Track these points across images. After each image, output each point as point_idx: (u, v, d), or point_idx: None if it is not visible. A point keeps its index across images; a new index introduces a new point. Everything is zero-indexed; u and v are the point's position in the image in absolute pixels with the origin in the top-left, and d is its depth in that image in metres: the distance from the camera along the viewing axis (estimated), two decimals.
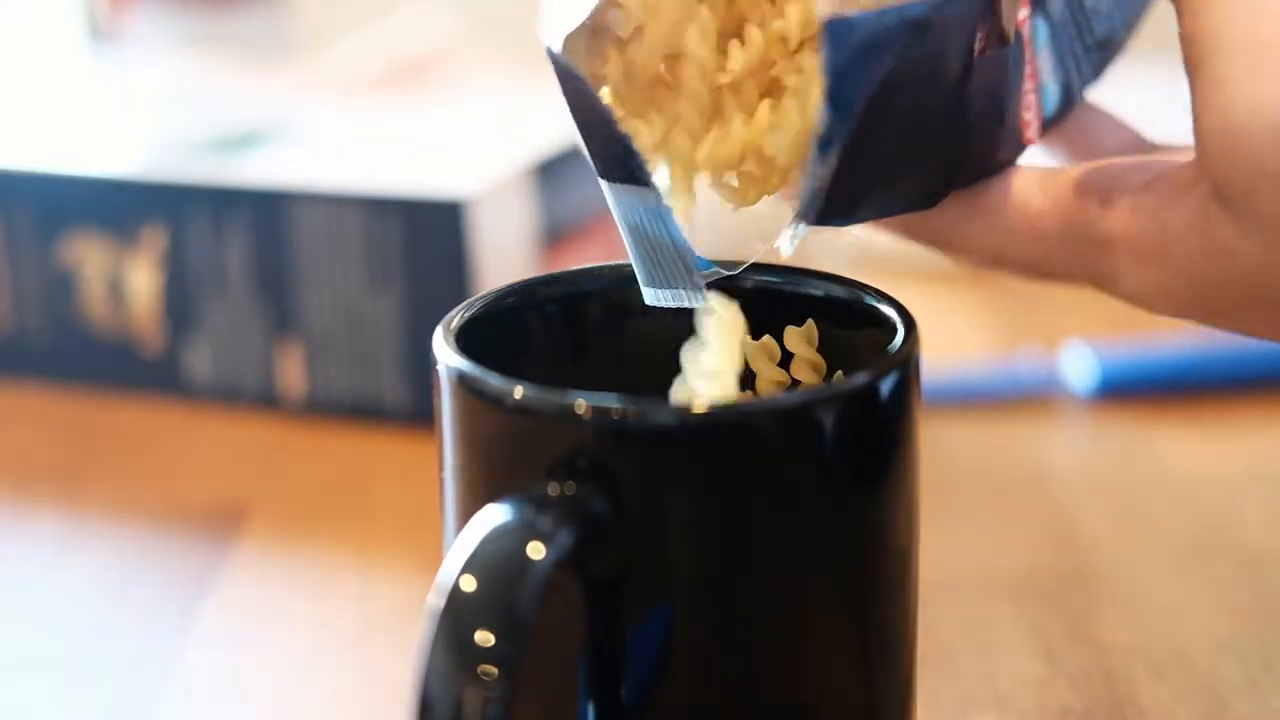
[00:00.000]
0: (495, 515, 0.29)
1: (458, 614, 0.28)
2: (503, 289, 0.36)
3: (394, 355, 0.58)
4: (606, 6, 0.33)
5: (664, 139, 0.34)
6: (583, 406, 0.30)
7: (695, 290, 0.34)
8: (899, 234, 0.38)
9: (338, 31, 0.94)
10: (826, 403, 0.30)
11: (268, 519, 0.53)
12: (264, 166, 0.60)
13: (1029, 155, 0.38)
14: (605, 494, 0.30)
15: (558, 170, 0.61)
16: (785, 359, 0.35)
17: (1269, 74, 0.30)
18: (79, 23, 1.02)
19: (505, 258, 0.58)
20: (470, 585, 0.28)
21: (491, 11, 1.01)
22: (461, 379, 0.31)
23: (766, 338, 0.35)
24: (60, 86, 0.79)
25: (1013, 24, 0.34)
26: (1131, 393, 0.59)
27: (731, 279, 0.35)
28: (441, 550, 0.32)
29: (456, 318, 0.34)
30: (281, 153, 0.62)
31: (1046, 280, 0.37)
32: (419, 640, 0.28)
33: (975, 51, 0.33)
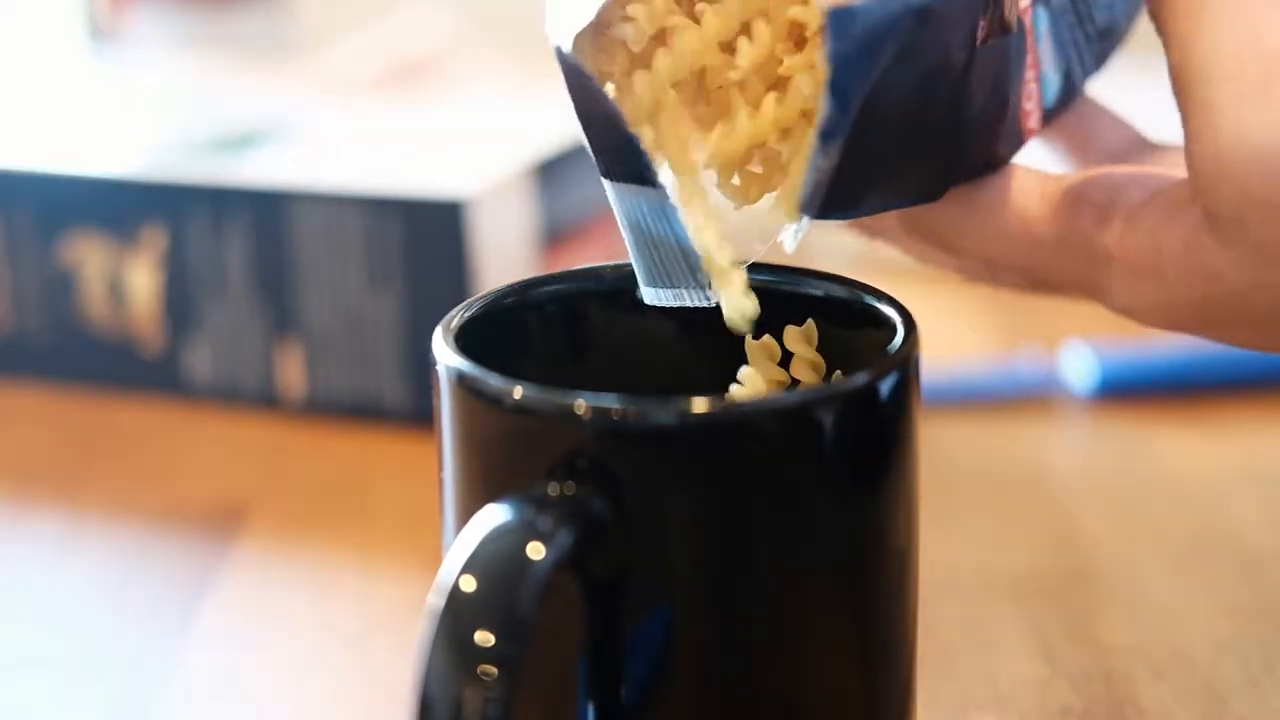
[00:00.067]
0: (495, 515, 0.29)
1: (458, 614, 0.28)
2: (503, 289, 0.36)
3: (394, 355, 0.58)
4: (615, 12, 0.33)
5: (665, 139, 0.34)
6: (582, 406, 0.30)
7: (698, 290, 0.34)
8: (898, 241, 0.38)
9: (338, 31, 0.94)
10: (826, 403, 0.30)
11: (268, 519, 0.53)
12: (264, 166, 0.60)
13: (1030, 147, 0.38)
14: (605, 494, 0.30)
15: (558, 170, 0.61)
16: (785, 359, 0.35)
17: (1255, 103, 0.30)
18: (79, 23, 1.02)
19: (505, 258, 0.58)
20: (470, 585, 0.28)
21: (491, 11, 1.01)
22: (461, 379, 0.31)
23: (766, 337, 0.35)
24: (60, 86, 0.79)
25: (1015, 13, 0.34)
26: (1131, 393, 0.59)
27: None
28: (441, 550, 0.32)
29: (456, 318, 0.34)
30: (281, 153, 0.62)
31: (1040, 289, 0.37)
32: (419, 640, 0.28)
33: (978, 41, 0.33)
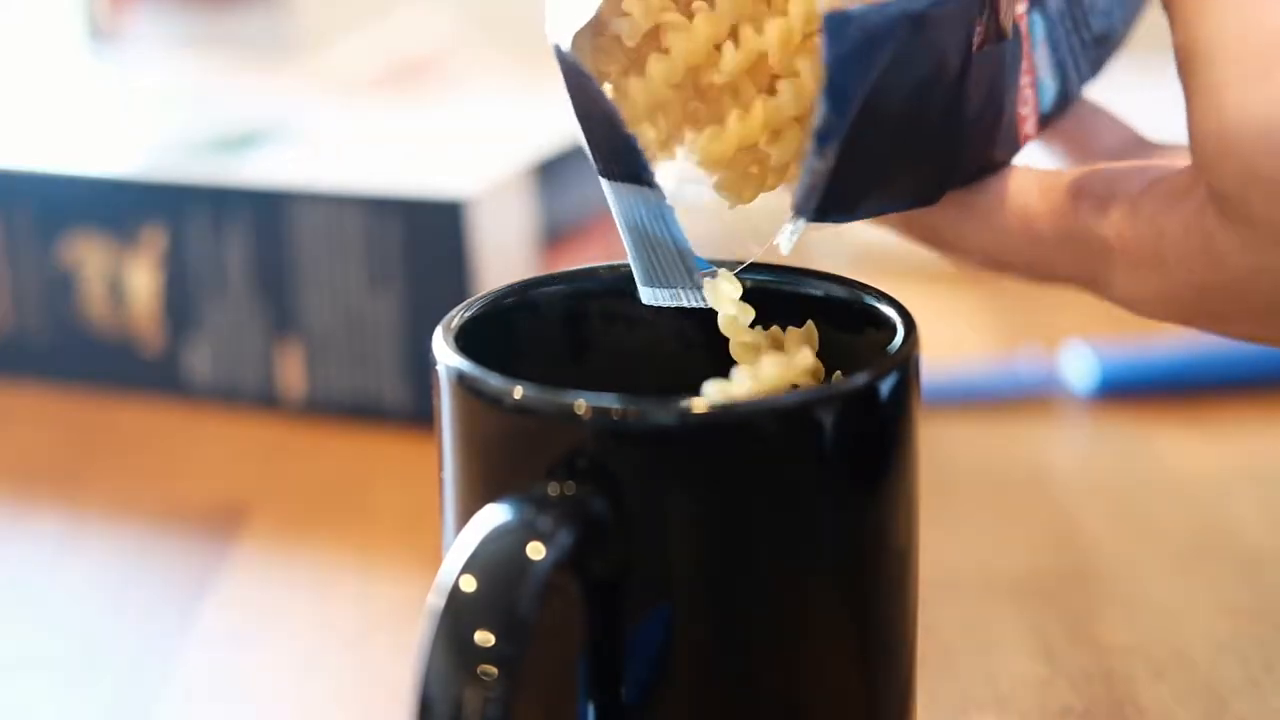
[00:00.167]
0: (495, 515, 0.29)
1: (458, 614, 0.28)
2: (503, 289, 0.36)
3: (394, 355, 0.58)
4: (612, 9, 0.33)
5: (668, 139, 0.34)
6: (582, 406, 0.30)
7: (694, 290, 0.34)
8: (898, 231, 0.38)
9: (338, 31, 0.94)
10: (826, 403, 0.30)
11: (268, 519, 0.53)
12: (264, 166, 0.60)
13: (1026, 151, 0.38)
14: (605, 494, 0.30)
15: (558, 170, 0.61)
16: None
17: (1261, 81, 0.30)
18: (79, 23, 1.02)
19: (505, 258, 0.58)
20: (470, 585, 0.28)
21: (491, 11, 1.01)
22: (461, 379, 0.31)
23: (774, 328, 0.35)
24: (60, 86, 0.79)
25: (1010, 19, 0.34)
26: (1131, 393, 0.59)
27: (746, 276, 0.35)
28: (441, 550, 0.32)
29: (456, 318, 0.34)
30: (281, 153, 0.62)
31: (1042, 282, 0.37)
32: (419, 640, 0.28)
33: (974, 46, 0.33)
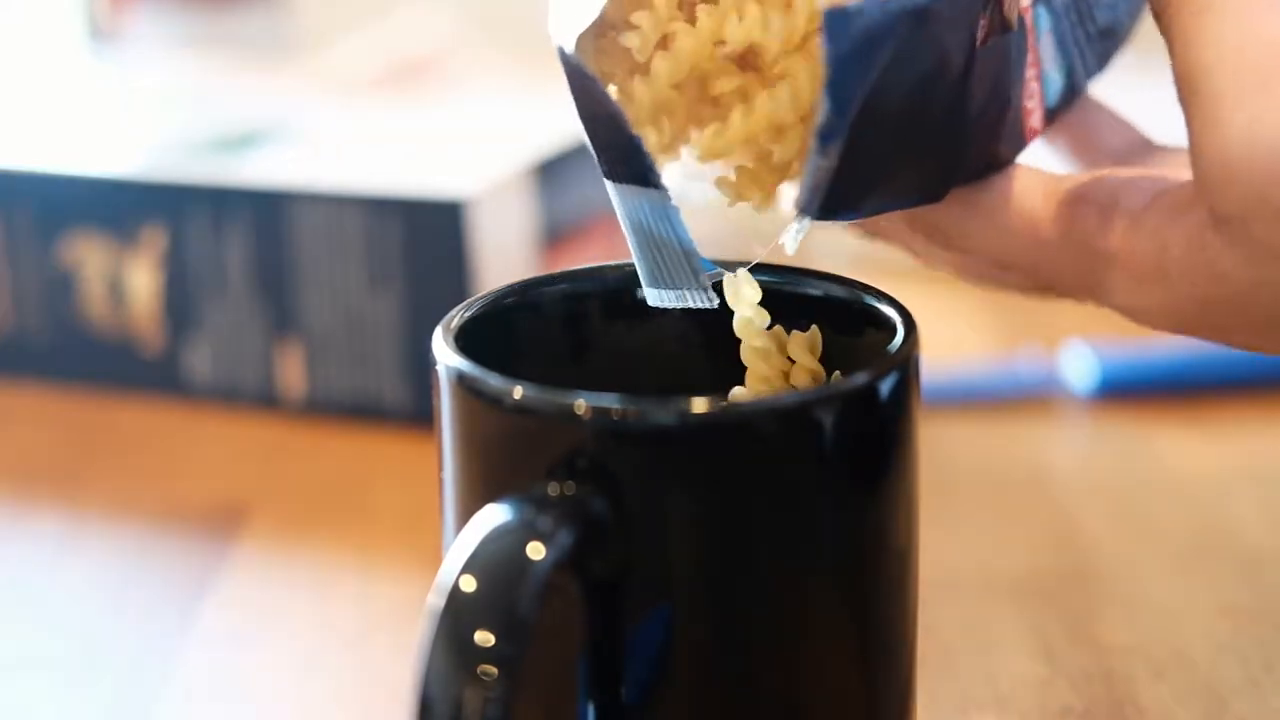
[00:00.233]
0: (495, 515, 0.29)
1: (458, 614, 0.28)
2: (503, 289, 0.36)
3: (394, 355, 0.58)
4: (619, 16, 0.33)
5: (673, 140, 0.34)
6: (582, 406, 0.30)
7: (700, 291, 0.34)
8: (900, 240, 0.37)
9: (338, 31, 0.94)
10: (826, 403, 0.30)
11: (268, 519, 0.53)
12: (264, 166, 0.60)
13: (1033, 147, 0.37)
14: (605, 494, 0.29)
15: (558, 170, 0.61)
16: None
17: (1262, 103, 0.30)
18: (79, 23, 1.02)
19: (505, 258, 0.58)
20: (470, 585, 0.28)
21: (491, 11, 1.01)
22: (461, 379, 0.31)
23: (776, 327, 0.35)
24: (60, 86, 0.79)
25: (1015, 11, 0.34)
26: (1131, 393, 0.59)
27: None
28: (441, 550, 0.32)
29: (456, 318, 0.34)
30: (281, 153, 0.62)
31: (1043, 291, 0.37)
32: (419, 640, 0.28)
33: (978, 41, 0.32)
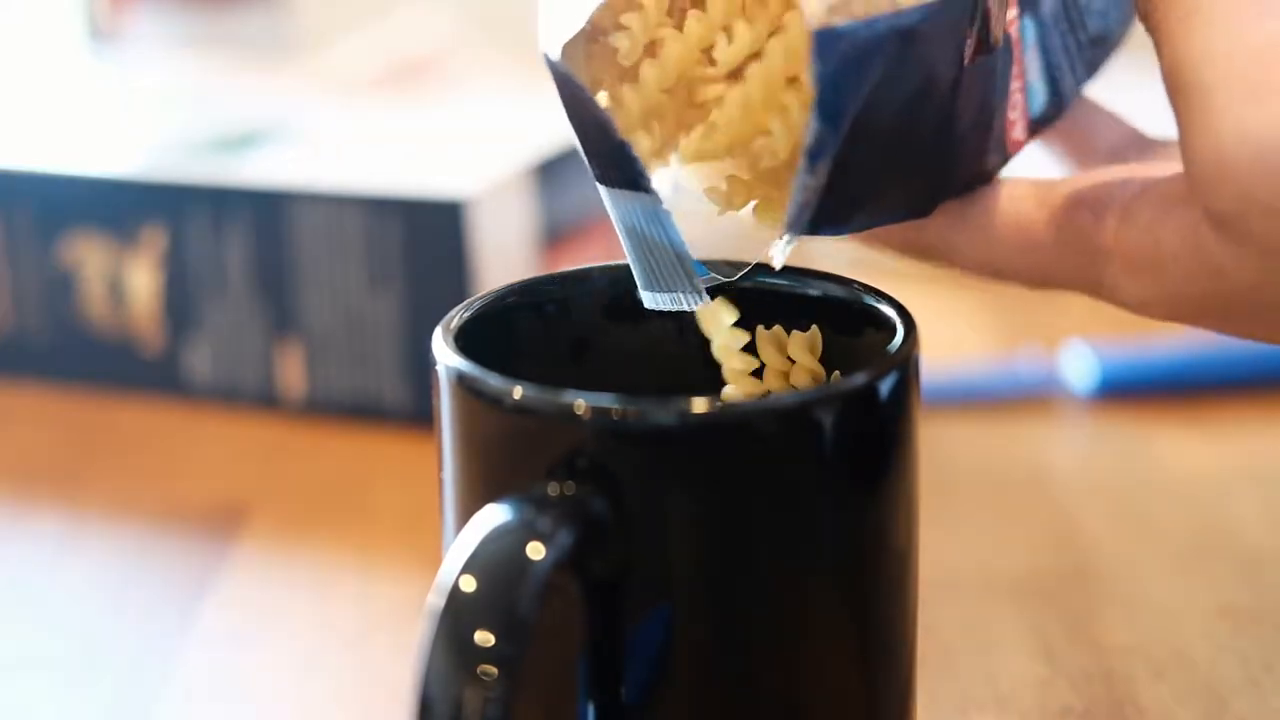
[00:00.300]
0: (495, 515, 0.29)
1: (458, 614, 0.28)
2: (503, 289, 0.36)
3: (394, 355, 0.58)
4: (609, 21, 0.33)
5: (663, 145, 0.34)
6: (582, 406, 0.30)
7: (694, 294, 0.34)
8: (892, 251, 0.38)
9: (338, 31, 0.94)
10: (826, 403, 0.30)
11: (268, 519, 0.53)
12: (264, 166, 0.60)
13: (1026, 152, 0.37)
14: (605, 494, 0.30)
15: (558, 170, 0.61)
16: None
17: (1252, 103, 0.30)
18: (79, 23, 1.02)
19: (505, 258, 0.58)
20: (470, 585, 0.28)
21: (491, 11, 1.01)
22: (461, 379, 0.31)
23: (777, 327, 0.35)
24: (60, 86, 0.79)
25: (1001, 28, 0.34)
26: (1131, 393, 0.59)
27: (732, 279, 0.35)
28: (441, 550, 0.32)
29: (456, 318, 0.34)
30: (281, 153, 0.62)
31: (1041, 288, 0.37)
32: (419, 640, 0.28)
33: (965, 58, 0.33)
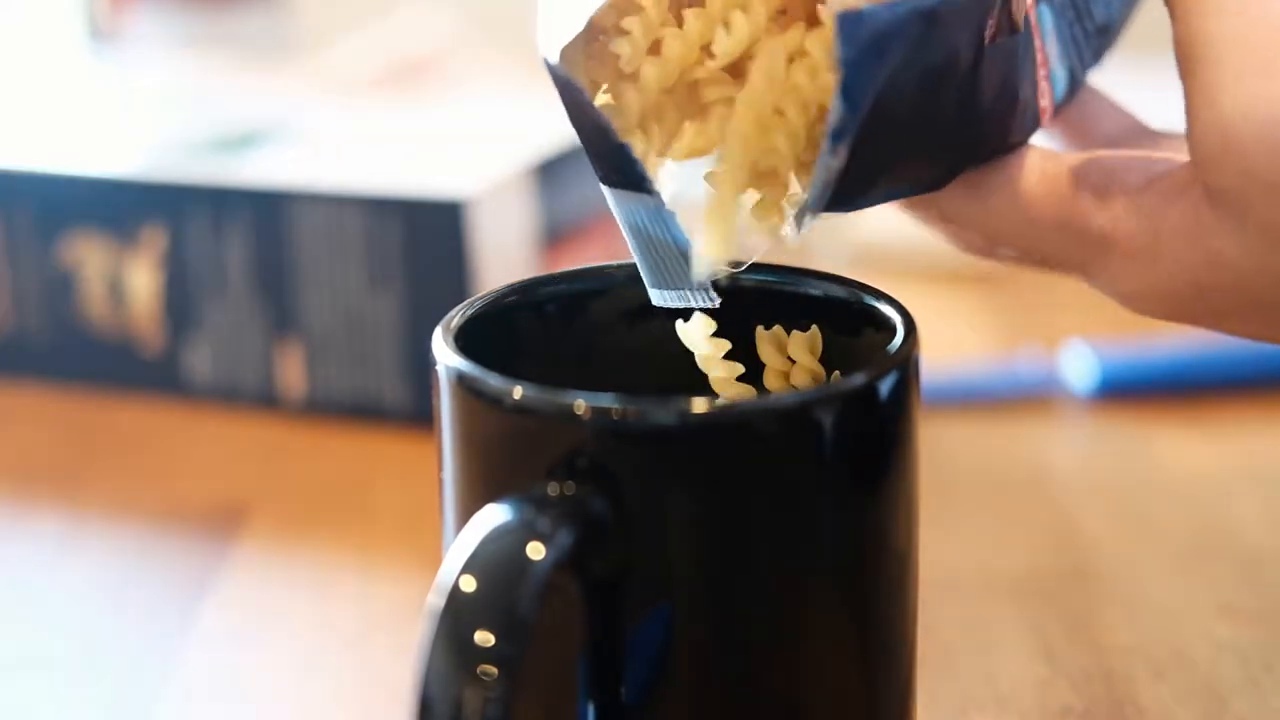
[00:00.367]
0: (495, 515, 0.29)
1: (458, 614, 0.28)
2: (503, 289, 0.36)
3: (394, 355, 0.58)
4: (609, 22, 0.33)
5: (664, 145, 0.34)
6: (582, 406, 0.30)
7: (700, 291, 0.34)
8: (901, 206, 0.37)
9: (338, 31, 0.94)
10: (826, 403, 0.30)
11: (268, 519, 0.53)
12: (264, 166, 0.60)
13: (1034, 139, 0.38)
14: (605, 494, 0.29)
15: (558, 170, 0.61)
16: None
17: (1261, 79, 0.30)
18: (79, 23, 1.02)
19: (505, 258, 0.58)
20: (470, 585, 0.28)
21: (491, 11, 1.01)
22: (461, 379, 0.31)
23: (777, 327, 0.35)
24: (60, 86, 0.79)
25: (1022, 11, 0.34)
26: (1131, 393, 0.59)
27: (732, 278, 0.35)
28: (441, 550, 0.32)
29: (456, 318, 0.34)
30: (281, 153, 0.62)
31: (1039, 266, 0.37)
32: (419, 640, 0.28)
33: (986, 40, 0.33)
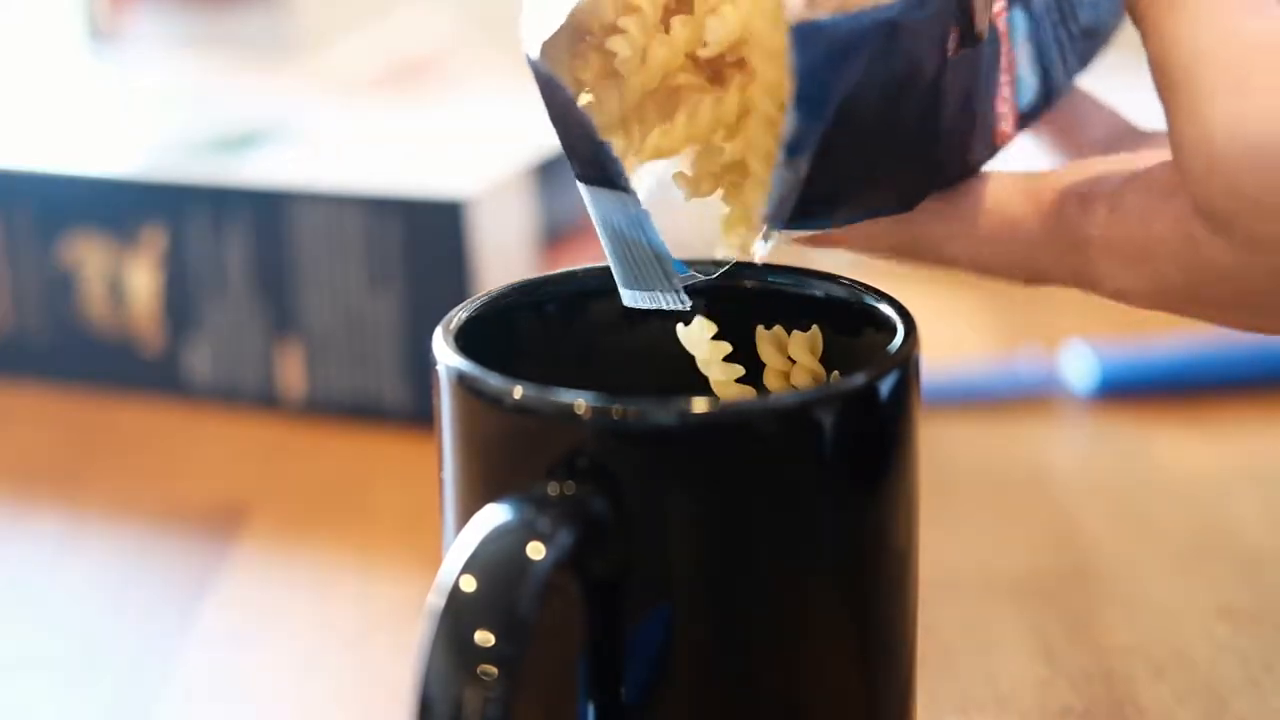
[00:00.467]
0: (495, 515, 0.29)
1: (458, 614, 0.28)
2: (503, 289, 0.36)
3: (394, 355, 0.58)
4: (594, 21, 0.33)
5: (643, 145, 0.34)
6: (582, 406, 0.30)
7: (673, 294, 0.34)
8: (879, 252, 0.37)
9: (338, 31, 0.94)
10: (826, 403, 0.30)
11: (268, 519, 0.53)
12: (264, 166, 0.60)
13: (1016, 144, 0.37)
14: (605, 494, 0.30)
15: (558, 170, 0.61)
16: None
17: (1243, 98, 0.30)
18: (79, 23, 1.02)
19: (505, 258, 0.58)
20: (470, 585, 0.28)
21: (491, 11, 1.01)
22: (461, 379, 0.31)
23: (777, 327, 0.35)
24: (60, 86, 0.79)
25: (986, 20, 0.34)
26: (1131, 393, 0.59)
27: (733, 278, 0.35)
28: (441, 550, 0.32)
29: (456, 318, 0.34)
30: (281, 153, 0.62)
31: (1030, 283, 0.37)
32: (419, 640, 0.28)
33: (949, 51, 0.32)
